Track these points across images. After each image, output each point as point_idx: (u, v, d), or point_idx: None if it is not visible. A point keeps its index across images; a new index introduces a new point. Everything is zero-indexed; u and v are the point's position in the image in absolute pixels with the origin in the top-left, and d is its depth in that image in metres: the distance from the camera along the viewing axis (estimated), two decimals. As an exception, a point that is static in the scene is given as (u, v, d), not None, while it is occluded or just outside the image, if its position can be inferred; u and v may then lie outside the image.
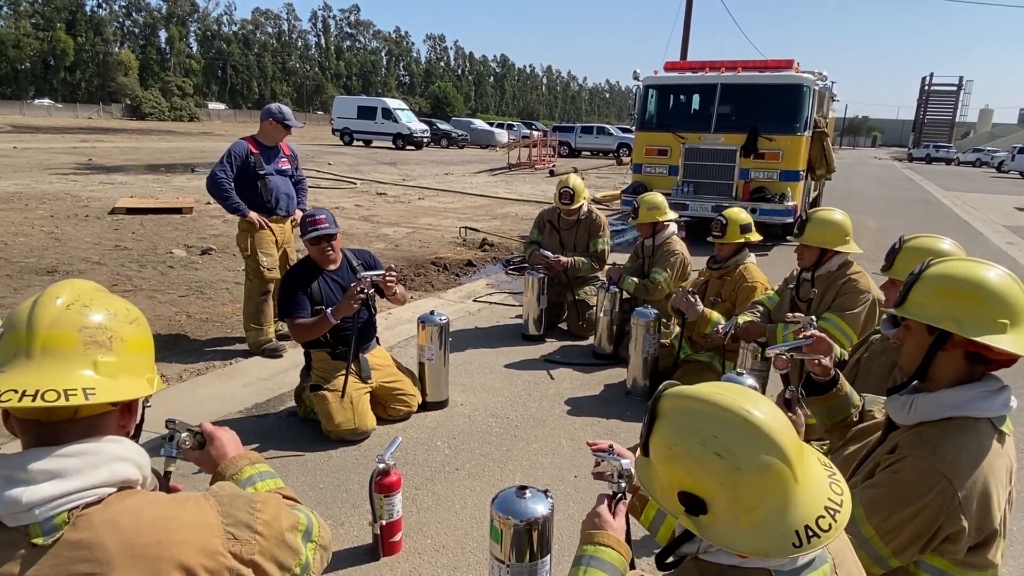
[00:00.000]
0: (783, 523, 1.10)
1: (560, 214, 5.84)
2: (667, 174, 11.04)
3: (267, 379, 4.54)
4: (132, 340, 1.13)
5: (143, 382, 1.14)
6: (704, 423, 1.15)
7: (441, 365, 4.16)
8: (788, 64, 10.82)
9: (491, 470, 3.48)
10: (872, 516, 1.62)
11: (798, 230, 3.53)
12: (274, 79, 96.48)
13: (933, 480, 1.55)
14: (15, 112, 56.14)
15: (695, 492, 1.13)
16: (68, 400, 1.00)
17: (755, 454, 1.11)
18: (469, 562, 2.75)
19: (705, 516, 1.14)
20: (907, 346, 1.72)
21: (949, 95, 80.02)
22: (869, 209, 16.08)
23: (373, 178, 19.05)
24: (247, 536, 1.13)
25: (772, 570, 1.14)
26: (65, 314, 1.07)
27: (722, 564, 1.18)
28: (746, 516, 1.11)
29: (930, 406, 1.64)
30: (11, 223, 9.52)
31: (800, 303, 3.59)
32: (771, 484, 1.11)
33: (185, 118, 66.04)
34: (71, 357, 1.05)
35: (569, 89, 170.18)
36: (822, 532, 1.10)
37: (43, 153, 21.89)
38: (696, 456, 1.13)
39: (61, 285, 1.13)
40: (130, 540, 1.02)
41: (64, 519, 1.00)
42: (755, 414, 1.13)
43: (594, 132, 38.29)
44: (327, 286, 3.86)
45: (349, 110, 35.90)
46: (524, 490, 2.05)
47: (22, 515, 0.99)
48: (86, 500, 1.03)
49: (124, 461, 1.10)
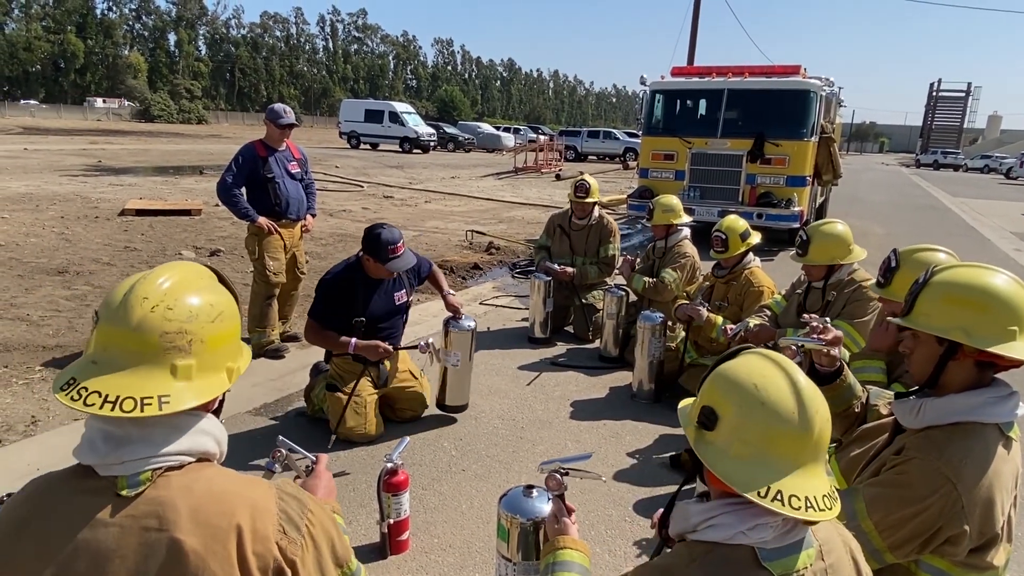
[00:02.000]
0: (762, 472, 1.18)
1: (571, 218, 5.85)
2: (673, 179, 11.06)
3: (275, 379, 4.58)
4: (212, 339, 1.18)
5: (221, 377, 1.21)
6: (764, 366, 1.27)
7: (467, 371, 4.05)
8: (795, 70, 10.83)
9: (497, 471, 3.51)
10: (873, 512, 1.63)
11: (800, 249, 3.52)
12: (282, 82, 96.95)
13: (938, 483, 1.56)
14: (25, 114, 56.56)
15: (715, 407, 1.24)
16: (143, 411, 1.08)
17: (784, 403, 1.20)
18: (476, 561, 2.77)
19: (709, 432, 1.24)
20: (916, 355, 1.72)
21: (957, 101, 79.66)
22: (876, 215, 16.05)
23: (380, 181, 19.12)
24: (295, 536, 1.19)
25: (756, 548, 1.19)
26: (149, 317, 1.13)
27: (708, 541, 1.23)
28: (739, 447, 1.20)
29: (938, 411, 1.64)
30: (22, 224, 9.61)
31: (808, 312, 3.59)
32: (779, 438, 1.19)
33: (193, 120, 66.40)
34: (152, 360, 1.12)
35: (576, 93, 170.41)
36: (788, 506, 1.15)
37: (53, 155, 22.05)
38: (738, 380, 1.25)
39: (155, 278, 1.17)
40: (198, 505, 1.11)
41: (148, 477, 1.11)
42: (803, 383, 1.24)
43: (600, 136, 38.30)
44: (373, 295, 3.78)
45: (356, 114, 36.04)
46: (531, 489, 2.07)
47: (114, 467, 1.10)
48: (169, 464, 1.13)
49: (206, 435, 1.19)
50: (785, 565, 1.19)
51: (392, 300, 3.88)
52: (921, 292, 1.68)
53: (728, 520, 1.22)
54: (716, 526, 1.23)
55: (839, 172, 11.78)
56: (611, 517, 3.11)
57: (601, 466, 3.57)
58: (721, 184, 10.70)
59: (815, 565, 1.23)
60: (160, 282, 1.16)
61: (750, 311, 4.13)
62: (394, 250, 3.61)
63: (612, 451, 3.80)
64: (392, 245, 3.60)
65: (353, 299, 3.72)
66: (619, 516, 3.11)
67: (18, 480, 2.99)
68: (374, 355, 3.68)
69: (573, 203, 5.77)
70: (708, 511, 1.26)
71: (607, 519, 3.10)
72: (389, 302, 3.86)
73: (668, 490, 3.38)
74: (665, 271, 5.08)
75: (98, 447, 1.11)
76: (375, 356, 3.69)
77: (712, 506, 1.27)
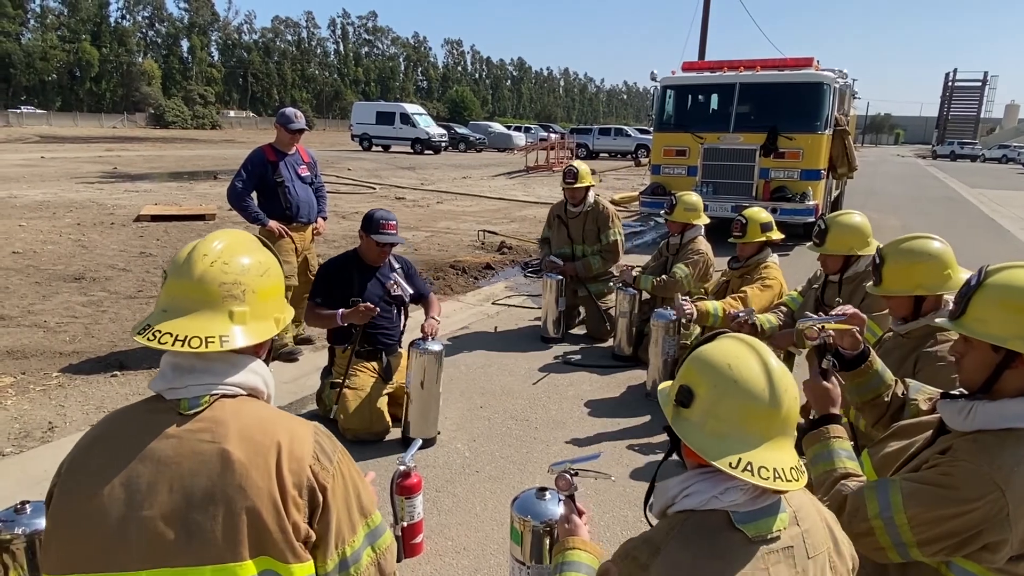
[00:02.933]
0: (734, 447, 1.25)
1: (566, 205, 5.82)
2: (686, 175, 10.98)
3: (288, 383, 4.58)
4: (262, 290, 1.39)
5: (270, 323, 1.41)
6: (737, 347, 1.34)
7: (431, 399, 3.69)
8: (808, 62, 10.72)
9: (511, 472, 3.49)
10: (910, 506, 1.56)
11: (817, 239, 3.45)
12: (294, 86, 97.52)
13: (985, 488, 1.49)
14: (42, 122, 57.33)
15: (691, 386, 1.32)
16: (207, 347, 1.28)
17: (755, 381, 1.27)
18: (490, 564, 2.76)
19: (686, 410, 1.32)
20: (968, 361, 1.64)
21: (974, 91, 78.65)
22: (892, 208, 15.85)
23: (392, 183, 19.17)
24: (327, 464, 1.34)
25: (729, 511, 1.25)
26: (209, 271, 1.33)
27: (685, 510, 1.29)
28: (713, 423, 1.28)
29: (991, 415, 1.56)
30: (39, 231, 9.71)
31: (825, 306, 3.54)
32: (750, 414, 1.27)
33: (207, 126, 66.97)
34: (213, 306, 1.32)
35: (587, 91, 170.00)
36: (757, 476, 1.21)
37: (70, 162, 22.32)
38: (710, 362, 1.32)
39: (211, 240, 1.38)
40: (245, 425, 1.29)
41: (207, 400, 1.30)
42: (774, 365, 1.31)
43: (612, 134, 38.18)
44: (369, 280, 3.95)
45: (368, 116, 36.16)
46: (544, 491, 2.05)
47: (180, 390, 1.30)
48: (224, 392, 1.32)
49: (256, 375, 1.39)
50: (758, 527, 1.25)
51: (385, 285, 3.95)
52: (975, 295, 1.59)
53: (701, 487, 1.29)
54: (691, 494, 1.29)
55: (854, 165, 11.65)
56: (627, 519, 3.08)
57: (616, 466, 3.54)
58: (734, 179, 10.61)
59: (790, 530, 1.28)
60: (215, 244, 1.37)
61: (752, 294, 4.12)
62: (385, 225, 3.82)
63: (627, 451, 3.76)
64: (384, 221, 3.84)
65: (349, 281, 3.87)
66: (635, 517, 3.08)
67: (35, 487, 3.01)
68: (359, 318, 3.72)
69: (564, 190, 5.75)
70: (683, 482, 1.32)
71: (623, 520, 3.07)
72: (383, 289, 3.95)
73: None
74: (677, 266, 5.03)
75: (167, 375, 1.32)
76: (360, 319, 3.72)
77: (687, 476, 1.33)
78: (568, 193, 5.73)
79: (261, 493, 1.24)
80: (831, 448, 1.80)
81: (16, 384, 4.41)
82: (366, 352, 3.90)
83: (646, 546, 1.29)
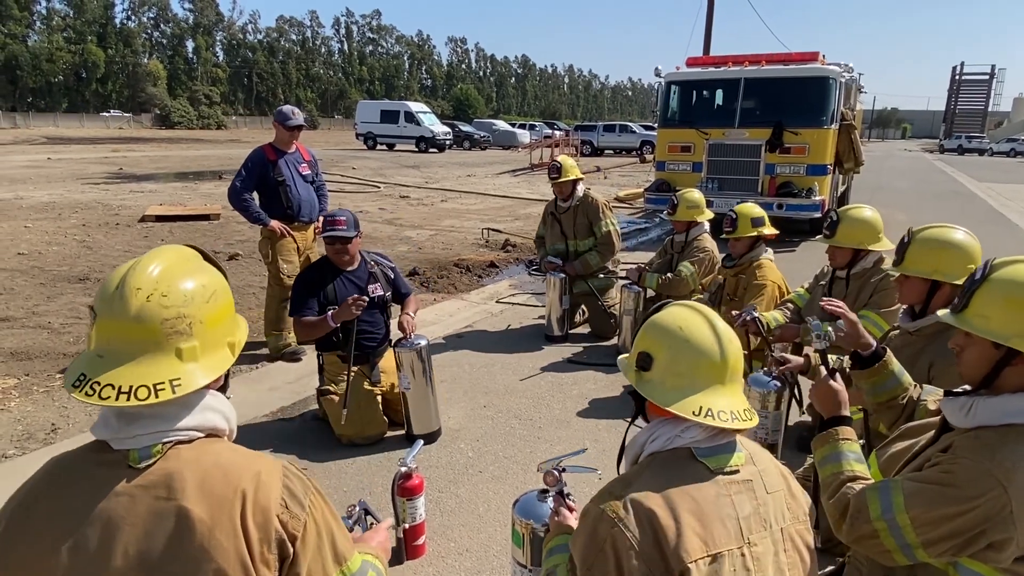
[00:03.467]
0: (696, 397, 1.41)
1: (557, 201, 5.76)
2: (691, 171, 10.92)
3: (292, 383, 4.57)
4: (211, 318, 1.23)
5: (225, 353, 1.26)
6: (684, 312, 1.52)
7: (425, 394, 3.72)
8: (813, 56, 10.64)
9: (515, 472, 3.46)
10: (911, 507, 1.54)
11: (828, 231, 3.38)
12: (298, 86, 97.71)
13: (987, 486, 1.47)
14: (49, 124, 57.62)
15: (649, 351, 1.48)
16: (158, 396, 1.13)
17: (704, 338, 1.45)
18: (493, 565, 2.73)
19: (647, 373, 1.48)
20: (969, 356, 1.62)
21: (981, 84, 78.02)
22: (900, 203, 15.73)
23: (396, 181, 19.17)
24: (297, 511, 1.22)
25: (691, 447, 1.42)
26: (147, 307, 1.16)
27: (653, 452, 1.45)
28: (673, 380, 1.44)
29: (991, 411, 1.55)
30: (45, 232, 9.75)
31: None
32: (702, 365, 1.44)
33: (213, 126, 67.16)
34: (157, 348, 1.16)
35: (591, 88, 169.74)
36: (719, 420, 1.39)
37: (76, 163, 22.42)
38: (665, 325, 1.49)
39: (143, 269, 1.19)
40: (205, 476, 1.16)
41: (159, 450, 1.17)
42: (719, 324, 1.49)
43: (616, 130, 38.08)
44: (343, 286, 3.86)
45: (372, 114, 36.19)
46: (545, 493, 2.02)
47: (127, 440, 1.16)
48: (179, 438, 1.19)
49: (214, 412, 1.25)
50: (718, 461, 1.41)
51: (365, 289, 3.87)
52: (978, 289, 1.56)
53: (664, 430, 1.45)
54: (656, 438, 1.46)
55: (861, 160, 11.56)
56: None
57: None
58: (740, 175, 10.54)
59: (747, 467, 1.44)
60: (150, 271, 1.19)
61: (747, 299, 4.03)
62: (332, 223, 3.80)
63: (631, 450, 3.73)
64: (332, 218, 3.83)
65: (322, 287, 3.82)
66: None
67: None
68: (349, 313, 3.65)
69: (552, 186, 5.69)
70: (648, 430, 1.49)
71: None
72: (358, 291, 3.84)
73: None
74: (683, 264, 4.98)
75: (112, 423, 1.18)
76: (350, 314, 3.65)
77: (651, 425, 1.50)
78: (555, 188, 5.66)
79: (227, 555, 1.12)
80: (839, 450, 1.78)
81: (20, 385, 4.41)
82: (353, 356, 3.81)
83: (620, 482, 1.44)
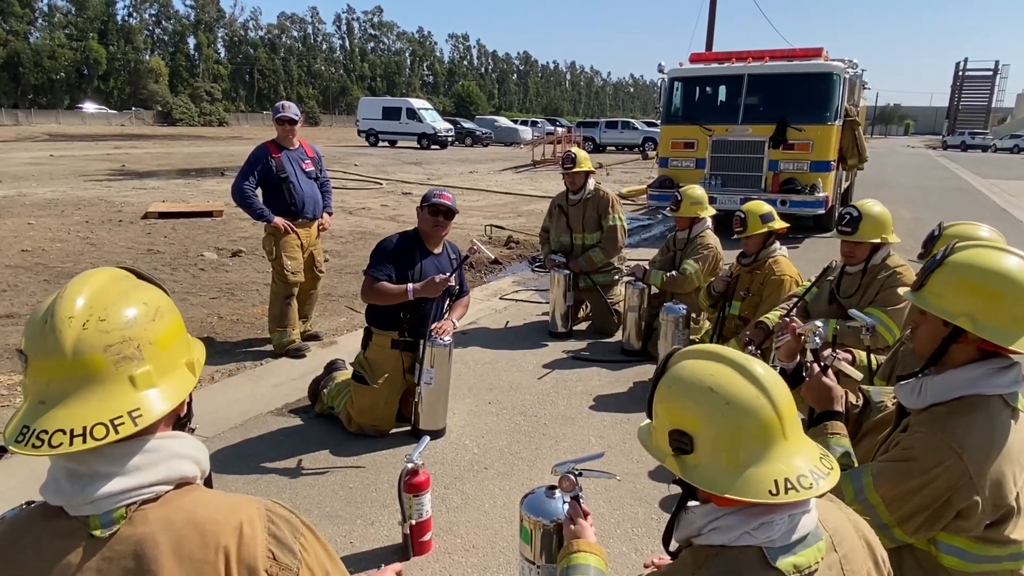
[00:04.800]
0: (763, 469, 1.12)
1: (567, 195, 5.75)
2: (694, 167, 10.89)
3: (297, 379, 4.57)
4: (161, 338, 1.08)
5: (184, 374, 1.12)
6: (705, 365, 1.22)
7: (443, 391, 3.75)
8: (817, 52, 10.61)
9: (520, 469, 3.46)
10: (880, 485, 1.64)
11: (849, 227, 3.31)
12: (300, 82, 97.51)
13: (943, 455, 1.55)
14: (51, 121, 57.63)
15: (684, 428, 1.18)
16: (118, 432, 0.99)
17: (745, 393, 1.16)
18: (499, 562, 2.73)
19: (690, 456, 1.18)
20: (922, 331, 1.70)
21: (984, 80, 77.74)
22: (903, 199, 15.69)
23: (399, 178, 19.15)
24: (287, 560, 1.10)
25: (763, 547, 1.14)
26: (84, 336, 1.00)
27: (713, 545, 1.17)
28: (728, 456, 1.14)
29: (939, 387, 1.63)
30: (48, 229, 9.75)
31: (841, 299, 3.47)
32: (756, 427, 1.14)
33: (214, 123, 67.14)
34: (105, 380, 1.01)
35: (593, 84, 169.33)
36: (802, 488, 1.11)
37: (78, 160, 22.41)
38: (692, 391, 1.19)
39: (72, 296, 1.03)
40: (180, 539, 1.02)
41: (122, 514, 1.02)
42: (754, 365, 1.20)
43: (619, 127, 38.04)
44: (429, 266, 3.78)
45: (374, 111, 36.16)
46: (554, 490, 2.01)
47: (84, 506, 1.01)
48: (144, 497, 1.04)
49: (182, 458, 1.10)
50: (795, 562, 1.14)
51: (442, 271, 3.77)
52: (936, 269, 1.63)
53: (732, 521, 1.17)
54: (720, 528, 1.17)
55: (864, 156, 11.53)
56: (637, 515, 3.05)
57: (626, 462, 3.51)
58: (743, 171, 10.52)
59: (828, 558, 1.18)
60: (79, 299, 1.03)
61: (770, 300, 4.02)
62: (439, 195, 3.77)
63: (636, 447, 3.72)
64: (439, 192, 3.80)
65: (411, 259, 3.75)
66: (645, 514, 3.04)
67: (35, 486, 3.00)
68: (433, 290, 3.59)
69: (563, 176, 5.68)
70: (711, 513, 1.20)
71: (632, 517, 3.03)
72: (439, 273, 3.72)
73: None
74: (687, 262, 4.98)
75: (63, 487, 1.02)
76: (434, 291, 3.60)
77: (714, 508, 1.20)
78: (567, 179, 5.66)
79: None
80: (828, 444, 1.82)
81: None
82: (404, 343, 3.74)
83: None
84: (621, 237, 5.59)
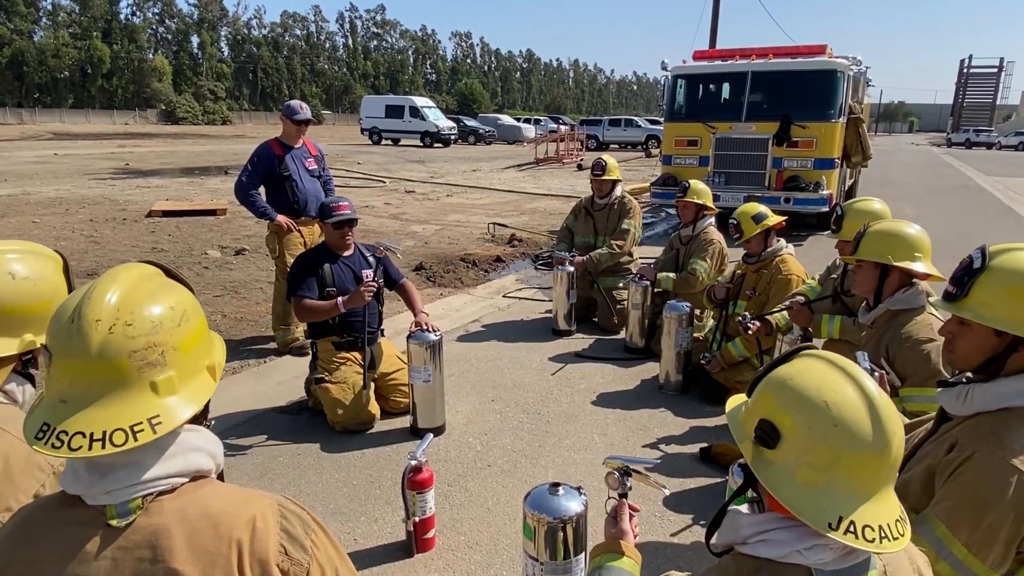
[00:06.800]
0: (834, 503, 1.05)
1: (593, 198, 5.89)
2: (697, 165, 10.87)
3: (300, 377, 4.57)
4: (184, 343, 1.09)
5: (205, 378, 1.13)
6: (834, 378, 1.12)
7: (434, 388, 3.73)
8: (821, 50, 10.56)
9: (523, 467, 3.46)
10: (958, 532, 1.49)
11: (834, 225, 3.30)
12: (303, 81, 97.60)
13: (1007, 474, 1.44)
14: (55, 119, 57.79)
15: (775, 422, 1.11)
16: (137, 440, 1.00)
17: (859, 424, 1.07)
18: (503, 559, 2.73)
19: (770, 451, 1.11)
20: (965, 343, 1.59)
21: (989, 77, 77.57)
22: (907, 197, 15.65)
23: (402, 176, 19.16)
24: (298, 555, 1.11)
25: (813, 568, 1.08)
26: (109, 340, 1.01)
27: (759, 558, 1.12)
28: (806, 472, 1.07)
29: (988, 396, 1.54)
30: (52, 228, 9.78)
31: (845, 295, 3.47)
32: (854, 463, 1.06)
33: (218, 121, 67.27)
34: (128, 385, 1.02)
35: (596, 82, 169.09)
36: (862, 538, 1.04)
37: (82, 159, 22.47)
38: (806, 394, 1.10)
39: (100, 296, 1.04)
40: (194, 531, 1.04)
41: (139, 504, 1.03)
42: (885, 403, 1.10)
43: (622, 125, 37.97)
44: (340, 271, 3.94)
45: (377, 109, 36.18)
46: (557, 487, 2.02)
47: (102, 496, 1.03)
48: (160, 488, 1.06)
49: (199, 452, 1.11)
50: None
51: (359, 275, 3.94)
52: (979, 278, 1.54)
53: (783, 537, 1.10)
54: (769, 542, 1.11)
55: (868, 153, 11.49)
56: (640, 513, 3.03)
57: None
58: (747, 169, 10.49)
59: None
60: (107, 298, 1.03)
61: (776, 299, 4.02)
62: (335, 207, 3.87)
63: (639, 444, 3.73)
64: (334, 204, 3.91)
65: (319, 270, 3.87)
66: (648, 512, 3.04)
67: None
68: (361, 299, 3.71)
69: (592, 182, 5.83)
70: (761, 524, 1.14)
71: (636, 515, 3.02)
72: (355, 277, 3.94)
73: (698, 483, 3.31)
74: (695, 262, 4.97)
75: (82, 477, 1.03)
76: (362, 300, 3.71)
77: (766, 519, 1.14)
78: (595, 185, 5.82)
79: None
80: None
81: (30, 380, 4.43)
82: (347, 343, 3.89)
83: None
84: (629, 242, 5.72)
